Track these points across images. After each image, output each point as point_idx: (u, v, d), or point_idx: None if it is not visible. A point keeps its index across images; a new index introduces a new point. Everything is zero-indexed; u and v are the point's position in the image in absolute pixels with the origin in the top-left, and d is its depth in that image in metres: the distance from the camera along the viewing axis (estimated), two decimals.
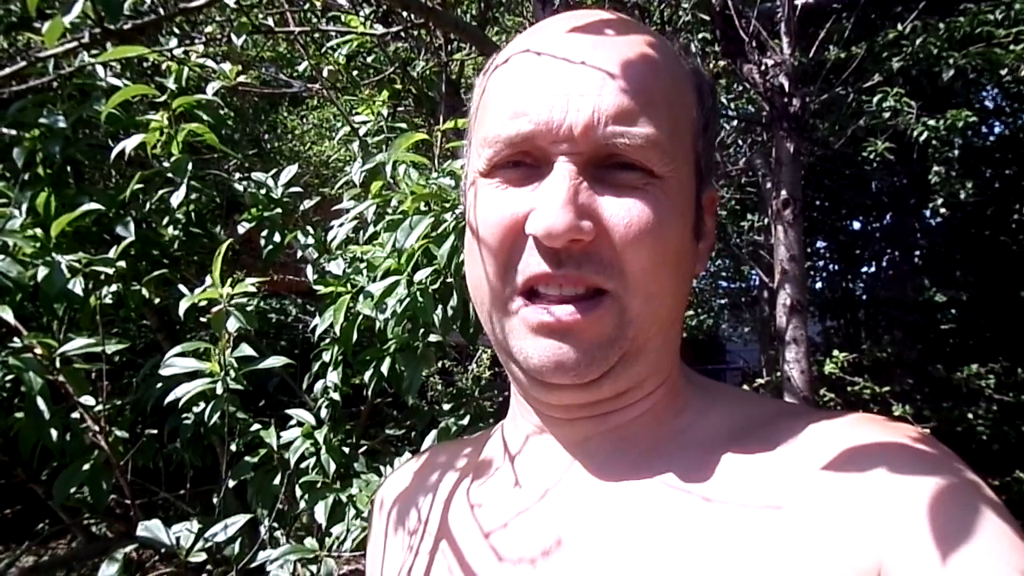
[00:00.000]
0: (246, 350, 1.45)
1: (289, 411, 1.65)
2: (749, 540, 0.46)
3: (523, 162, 0.51)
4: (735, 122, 4.68)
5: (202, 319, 1.53)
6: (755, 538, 0.46)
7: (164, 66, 1.76)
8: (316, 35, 2.40)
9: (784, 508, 0.46)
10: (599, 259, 0.48)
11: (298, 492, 1.55)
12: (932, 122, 3.99)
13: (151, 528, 1.19)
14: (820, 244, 7.36)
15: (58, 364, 1.32)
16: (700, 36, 4.24)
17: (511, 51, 0.55)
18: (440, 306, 1.46)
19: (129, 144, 1.58)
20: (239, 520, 1.26)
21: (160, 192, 1.70)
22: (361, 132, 2.02)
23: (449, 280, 1.46)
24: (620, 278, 0.49)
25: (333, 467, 1.54)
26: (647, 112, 0.49)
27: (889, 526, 0.42)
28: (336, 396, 1.68)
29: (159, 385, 1.52)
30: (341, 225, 1.69)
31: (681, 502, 0.50)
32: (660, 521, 0.49)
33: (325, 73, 2.35)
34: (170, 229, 1.75)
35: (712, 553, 0.46)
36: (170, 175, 1.65)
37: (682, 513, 0.49)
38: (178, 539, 1.19)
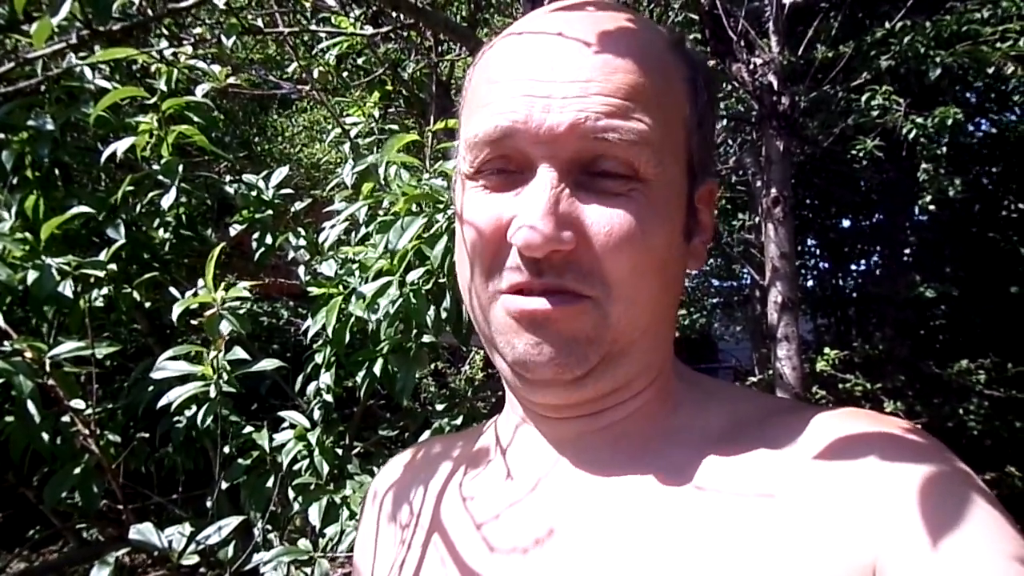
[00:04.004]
0: (239, 353, 1.44)
1: (282, 413, 1.65)
2: (742, 527, 0.46)
3: (506, 168, 0.50)
4: (725, 121, 4.70)
5: (193, 322, 1.53)
6: (748, 525, 0.46)
7: (153, 68, 1.76)
8: (306, 36, 2.40)
9: (777, 496, 0.47)
10: (579, 268, 0.48)
11: (291, 494, 1.54)
12: (920, 120, 4.02)
13: (143, 531, 1.18)
14: (810, 242, 7.38)
15: (48, 368, 1.31)
16: (690, 36, 4.26)
17: (494, 46, 0.54)
18: (433, 307, 1.46)
19: (120, 147, 1.57)
20: (232, 522, 1.25)
21: (150, 195, 1.69)
22: (352, 134, 2.02)
23: (442, 281, 1.46)
24: (602, 286, 0.49)
25: (326, 469, 1.54)
26: (638, 110, 0.47)
27: (884, 515, 0.43)
28: (329, 398, 1.68)
29: (150, 389, 1.52)
30: (333, 226, 1.69)
31: (673, 492, 0.50)
32: (652, 509, 0.50)
33: (315, 74, 2.35)
34: (160, 232, 1.74)
35: (704, 540, 0.47)
36: (160, 177, 1.64)
37: (674, 502, 0.49)
38: (170, 542, 1.19)
